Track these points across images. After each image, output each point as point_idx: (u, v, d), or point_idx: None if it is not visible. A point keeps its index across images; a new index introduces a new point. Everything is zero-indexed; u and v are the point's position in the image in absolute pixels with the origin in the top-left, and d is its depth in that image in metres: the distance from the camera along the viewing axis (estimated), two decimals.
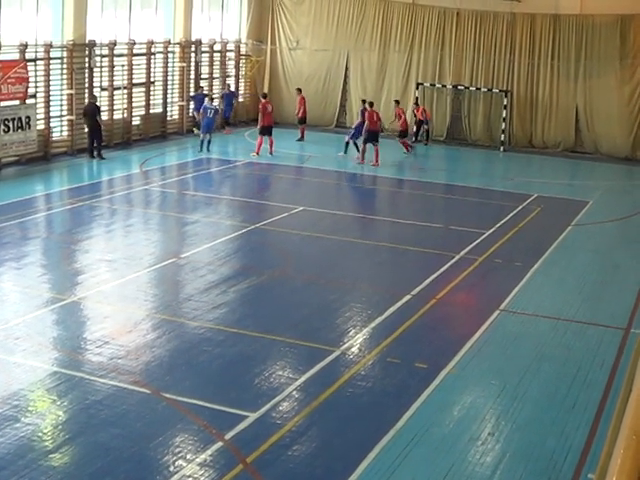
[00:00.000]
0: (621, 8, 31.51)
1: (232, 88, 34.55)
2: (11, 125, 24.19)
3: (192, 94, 32.55)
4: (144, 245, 18.06)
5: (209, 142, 29.08)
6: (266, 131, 28.83)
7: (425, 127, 33.59)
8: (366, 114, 28.69)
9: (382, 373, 12.05)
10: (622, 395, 6.38)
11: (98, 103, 27.13)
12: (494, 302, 15.25)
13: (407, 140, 31.23)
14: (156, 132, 31.21)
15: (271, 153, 28.74)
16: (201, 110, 29.89)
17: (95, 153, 26.74)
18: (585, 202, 24.44)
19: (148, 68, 30.35)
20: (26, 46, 24.87)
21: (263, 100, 29.58)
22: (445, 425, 10.55)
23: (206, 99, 30.42)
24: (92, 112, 26.54)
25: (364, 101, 30.62)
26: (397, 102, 32.53)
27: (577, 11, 32.48)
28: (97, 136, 26.73)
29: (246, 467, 9.25)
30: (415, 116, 33.68)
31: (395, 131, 35.10)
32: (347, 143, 29.33)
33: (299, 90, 33.52)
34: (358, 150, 28.64)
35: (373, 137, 28.19)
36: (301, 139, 32.46)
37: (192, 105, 32.19)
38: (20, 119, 24.50)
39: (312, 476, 9.29)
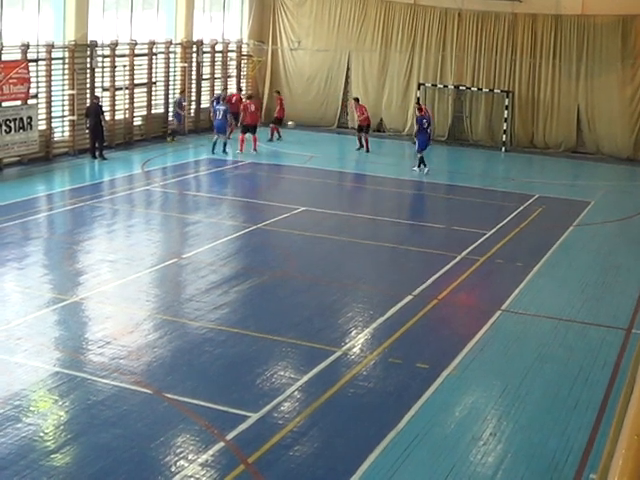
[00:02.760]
0: (623, 9, 31.48)
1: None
2: (13, 125, 24.19)
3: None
4: (146, 245, 18.07)
5: (225, 144, 28.99)
6: (248, 129, 29.26)
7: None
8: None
9: (384, 373, 12.05)
10: (624, 395, 6.38)
11: (100, 103, 27.14)
12: (496, 302, 15.25)
13: (366, 136, 31.13)
14: (158, 132, 31.21)
15: (255, 150, 28.96)
16: (211, 112, 30.07)
17: (97, 153, 26.74)
18: (587, 202, 24.42)
19: (150, 68, 30.37)
20: (28, 46, 24.89)
21: (247, 101, 30.04)
22: (447, 425, 10.55)
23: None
24: (95, 112, 26.55)
25: (418, 101, 30.62)
26: (356, 100, 32.27)
27: (578, 11, 32.46)
28: (99, 136, 26.72)
29: (247, 467, 9.25)
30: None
31: (396, 130, 35.15)
32: (421, 157, 27.62)
33: (277, 92, 34.37)
34: (425, 164, 27.60)
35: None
36: (271, 139, 32.28)
37: (171, 110, 31.88)
38: (22, 119, 24.51)
39: (313, 476, 9.28)
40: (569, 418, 10.83)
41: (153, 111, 30.85)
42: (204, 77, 33.71)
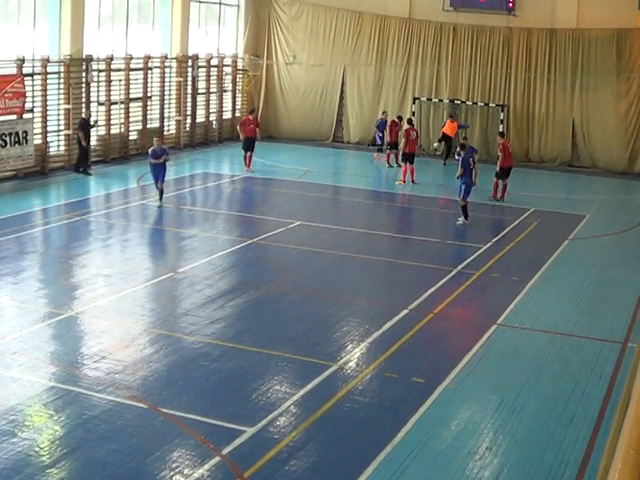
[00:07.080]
0: (617, 22, 31.63)
1: (386, 116, 32.54)
2: (8, 140, 24.20)
3: (377, 121, 32.29)
4: (141, 260, 18.05)
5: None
6: (407, 158, 28.21)
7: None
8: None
9: (379, 388, 12.04)
10: (620, 409, 6.39)
11: (93, 118, 27.14)
12: (491, 316, 15.25)
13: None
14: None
15: (413, 181, 28.10)
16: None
17: (77, 166, 26.66)
18: (582, 216, 24.46)
19: (145, 83, 30.39)
20: (23, 61, 24.90)
21: (408, 126, 29.27)
22: (443, 439, 10.53)
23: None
24: (81, 128, 26.54)
25: (465, 137, 27.70)
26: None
27: (573, 25, 32.61)
28: (82, 151, 26.67)
29: None
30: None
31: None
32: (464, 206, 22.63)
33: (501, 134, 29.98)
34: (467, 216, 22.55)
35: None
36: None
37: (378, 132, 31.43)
38: (17, 134, 24.52)
39: None
40: (565, 432, 10.82)
41: (148, 125, 30.86)
42: (199, 91, 33.76)
